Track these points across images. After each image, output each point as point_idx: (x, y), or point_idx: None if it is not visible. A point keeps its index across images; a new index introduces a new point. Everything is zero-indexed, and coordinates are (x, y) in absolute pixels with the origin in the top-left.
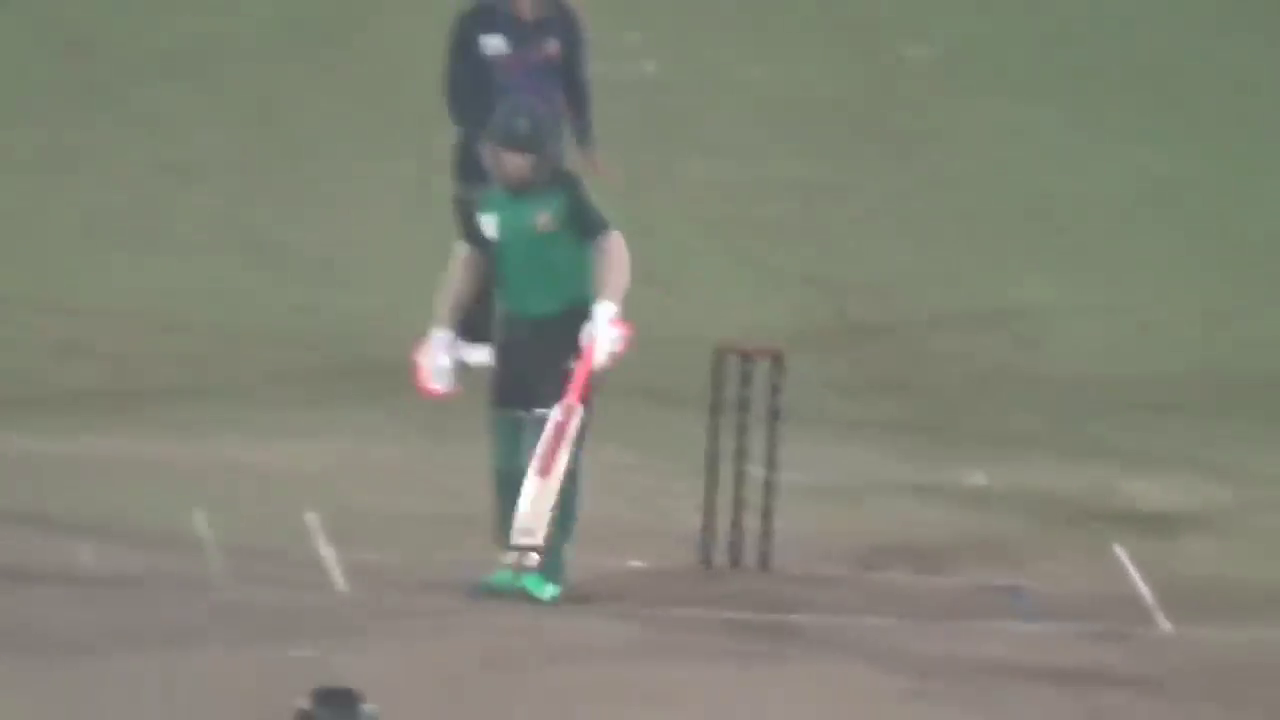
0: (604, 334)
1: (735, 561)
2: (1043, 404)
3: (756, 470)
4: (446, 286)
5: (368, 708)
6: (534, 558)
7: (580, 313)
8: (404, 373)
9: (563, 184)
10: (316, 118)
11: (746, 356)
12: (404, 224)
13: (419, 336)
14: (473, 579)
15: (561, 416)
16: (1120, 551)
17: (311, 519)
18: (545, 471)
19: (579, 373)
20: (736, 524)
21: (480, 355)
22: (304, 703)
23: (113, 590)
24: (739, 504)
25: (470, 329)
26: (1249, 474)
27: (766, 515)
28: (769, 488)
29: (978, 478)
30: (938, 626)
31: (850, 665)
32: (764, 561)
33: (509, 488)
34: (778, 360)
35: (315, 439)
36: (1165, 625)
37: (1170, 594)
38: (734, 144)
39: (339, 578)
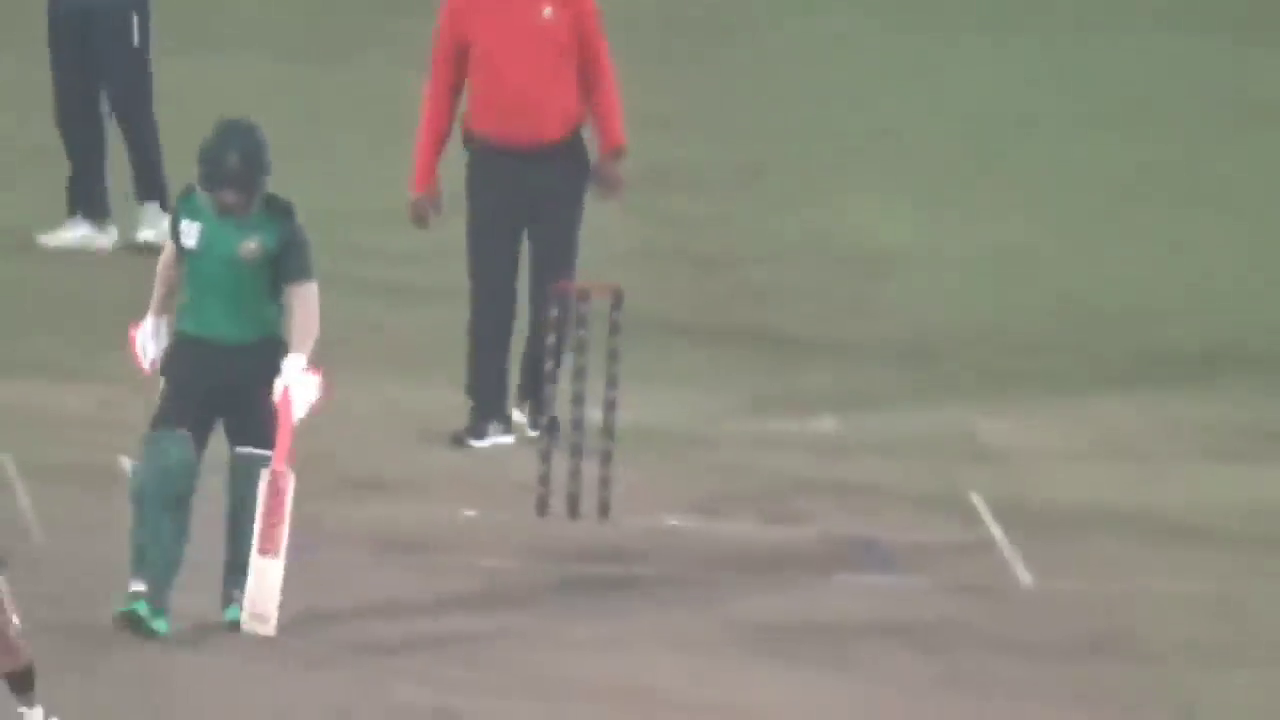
0: (298, 387)
1: (573, 511)
2: (894, 345)
3: (595, 414)
4: (158, 279)
5: None
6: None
7: (270, 344)
8: None
9: (281, 216)
10: None
11: (583, 294)
12: None
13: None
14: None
15: (278, 486)
16: (977, 499)
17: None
18: (271, 550)
19: (281, 433)
20: (574, 472)
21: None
22: None
23: None
24: (577, 450)
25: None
26: (1111, 418)
27: (605, 461)
28: (607, 432)
29: (827, 423)
30: (787, 580)
31: (694, 621)
32: (603, 510)
33: (157, 511)
34: (617, 298)
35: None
36: (1024, 577)
37: (1030, 545)
38: None
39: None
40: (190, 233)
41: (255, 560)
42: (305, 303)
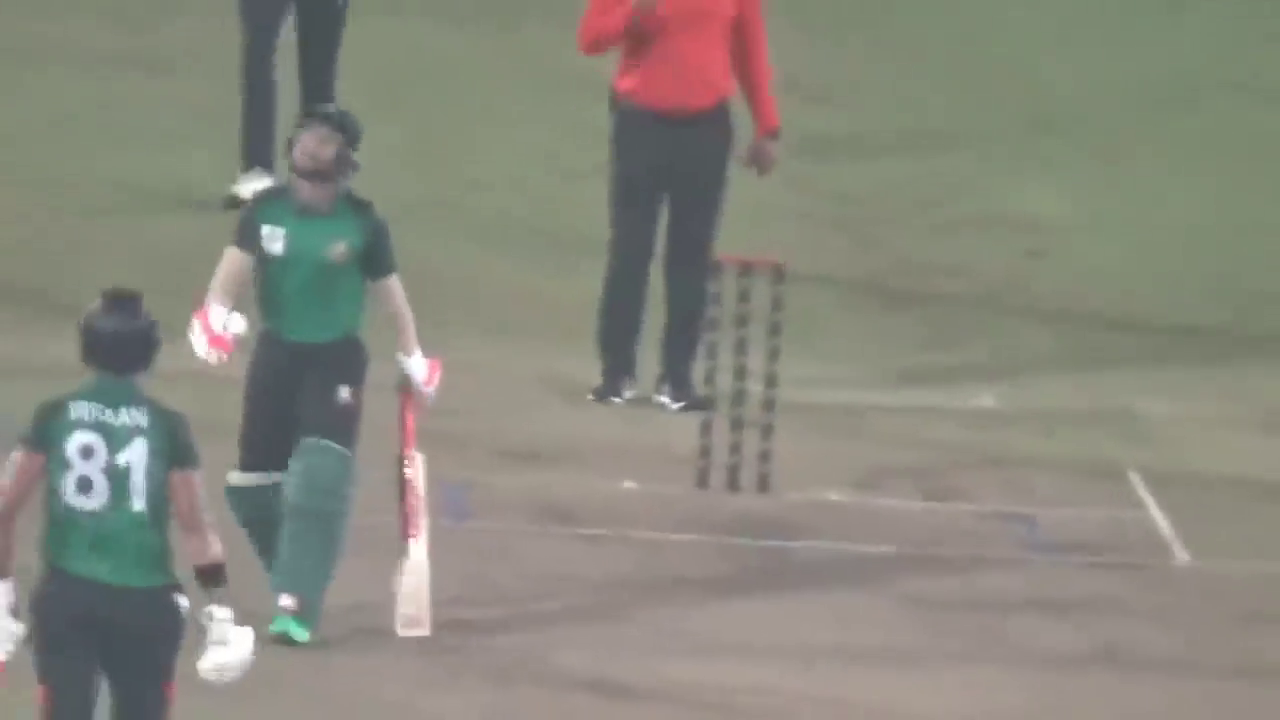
0: (424, 386)
1: (733, 485)
2: (1052, 322)
3: (756, 388)
4: (217, 280)
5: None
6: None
7: (351, 344)
8: None
9: (365, 215)
10: None
11: (745, 268)
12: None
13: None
14: (458, 500)
15: (410, 474)
16: (1136, 478)
17: None
18: (414, 533)
19: (407, 429)
20: (735, 446)
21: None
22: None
23: None
24: (737, 424)
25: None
26: (1270, 395)
27: (766, 435)
28: (768, 406)
29: (986, 399)
30: (944, 556)
31: (852, 595)
32: (763, 484)
33: (265, 528)
34: (778, 272)
35: None
36: (1182, 556)
37: (1187, 523)
38: None
39: None
40: (275, 240)
41: (406, 558)
42: (400, 296)
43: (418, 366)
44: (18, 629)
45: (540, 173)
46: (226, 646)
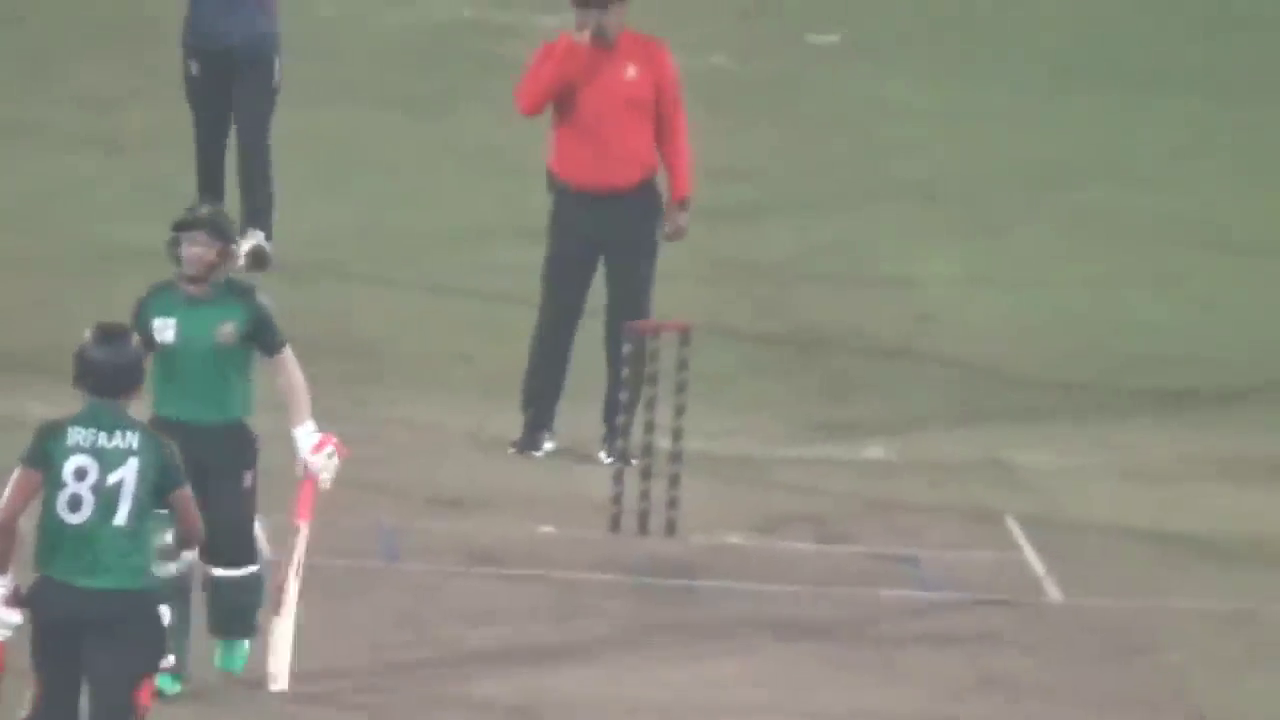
0: (317, 458)
1: (643, 528)
2: (939, 379)
3: (663, 441)
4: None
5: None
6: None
7: (241, 427)
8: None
9: (245, 297)
10: None
11: (654, 332)
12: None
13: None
14: (389, 543)
15: (298, 548)
16: (1013, 522)
17: None
18: (279, 609)
19: (303, 500)
20: (644, 493)
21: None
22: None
23: None
24: (646, 473)
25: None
26: (1136, 448)
27: (673, 484)
28: (675, 458)
29: (876, 451)
30: (838, 593)
31: (754, 630)
32: (670, 528)
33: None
34: (684, 335)
35: None
36: (1054, 594)
37: (1059, 564)
38: None
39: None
40: (166, 329)
41: (274, 624)
42: (292, 370)
43: (305, 438)
44: (16, 617)
45: (473, 244)
46: None
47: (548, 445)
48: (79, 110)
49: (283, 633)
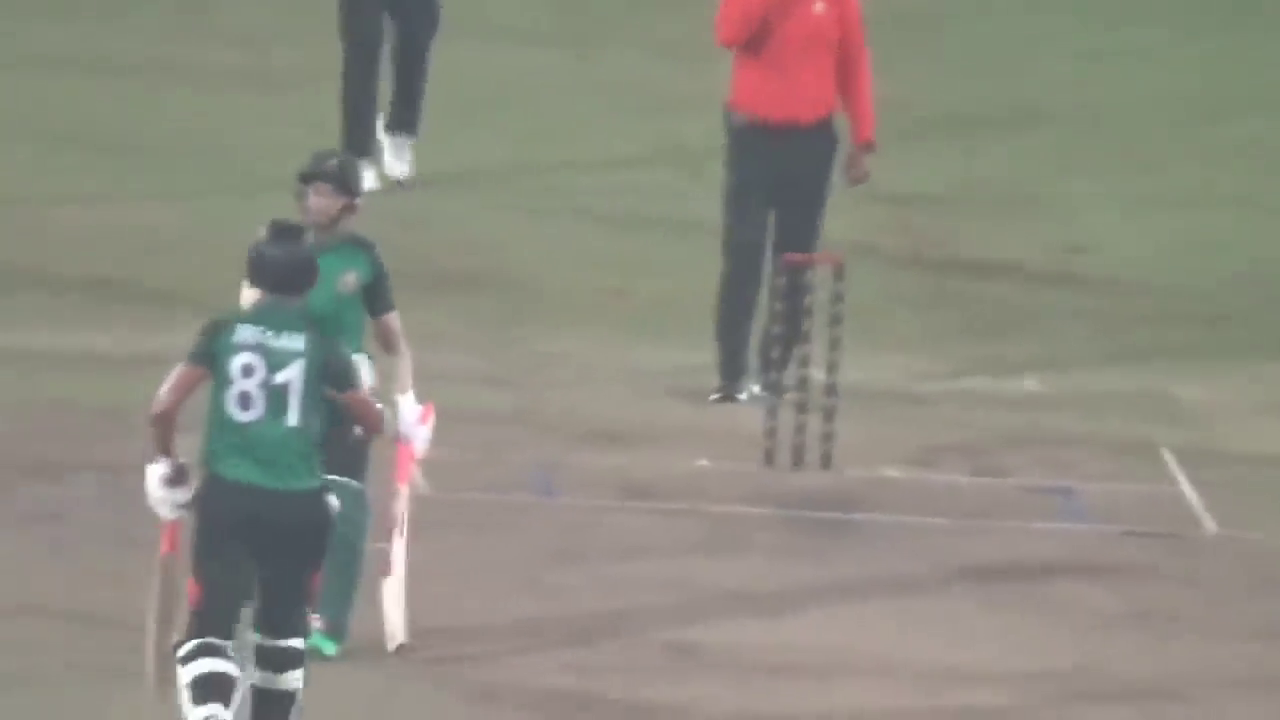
0: (417, 430)
1: (798, 462)
2: (1093, 311)
3: (819, 374)
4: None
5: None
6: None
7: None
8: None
9: (369, 250)
10: None
11: (809, 265)
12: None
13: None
14: (544, 478)
15: (398, 511)
16: (1168, 456)
17: None
18: (387, 570)
19: (402, 464)
20: (800, 427)
21: None
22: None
23: None
24: (802, 407)
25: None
26: None
27: (828, 417)
28: (831, 390)
29: (1030, 382)
30: (992, 526)
31: (907, 563)
32: (825, 461)
33: None
34: (839, 269)
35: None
36: (1210, 527)
37: (1215, 497)
38: None
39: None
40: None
41: (384, 585)
42: (399, 335)
43: (409, 407)
44: (180, 495)
45: (624, 177)
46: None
47: (753, 388)
48: (231, 48)
49: (394, 593)
